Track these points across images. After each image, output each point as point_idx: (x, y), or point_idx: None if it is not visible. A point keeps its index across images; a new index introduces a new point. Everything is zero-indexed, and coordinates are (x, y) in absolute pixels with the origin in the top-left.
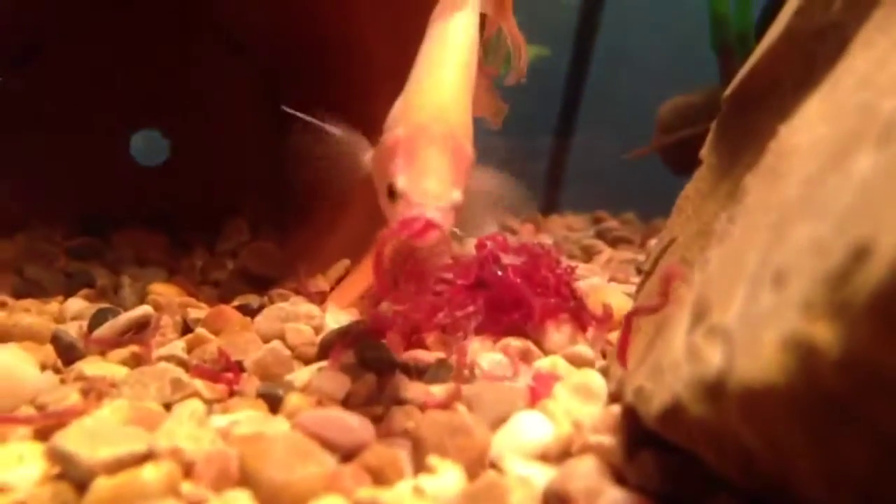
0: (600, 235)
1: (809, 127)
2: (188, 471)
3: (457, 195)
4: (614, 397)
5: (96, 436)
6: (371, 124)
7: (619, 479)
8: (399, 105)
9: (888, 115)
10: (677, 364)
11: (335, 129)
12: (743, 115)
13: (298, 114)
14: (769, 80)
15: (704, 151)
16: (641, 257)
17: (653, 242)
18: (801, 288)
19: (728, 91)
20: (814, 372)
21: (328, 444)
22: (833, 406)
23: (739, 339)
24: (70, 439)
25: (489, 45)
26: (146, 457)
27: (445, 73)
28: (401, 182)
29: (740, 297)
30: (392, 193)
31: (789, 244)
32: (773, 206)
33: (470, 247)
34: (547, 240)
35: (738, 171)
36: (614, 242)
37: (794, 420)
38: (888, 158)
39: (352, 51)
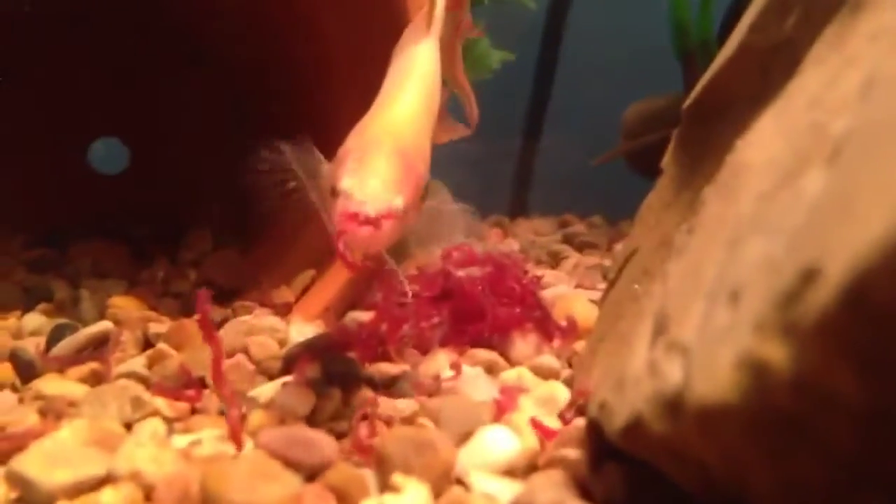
0: (567, 240)
1: (763, 143)
2: (148, 494)
3: (398, 202)
4: (580, 410)
5: (55, 459)
6: (334, 140)
7: (585, 492)
8: (356, 126)
9: (837, 135)
10: (639, 379)
11: (293, 151)
12: (701, 127)
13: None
14: (726, 94)
15: (665, 161)
16: (608, 262)
17: (619, 247)
18: (753, 306)
19: (687, 103)
20: (767, 391)
21: (291, 464)
22: (787, 424)
23: (697, 356)
24: (28, 463)
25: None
26: (105, 480)
27: (404, 99)
28: (343, 183)
29: (698, 312)
30: (335, 195)
31: (743, 261)
32: (729, 221)
33: (436, 257)
34: (514, 245)
35: (698, 182)
36: (581, 247)
37: (749, 437)
38: (836, 180)
39: (317, 68)
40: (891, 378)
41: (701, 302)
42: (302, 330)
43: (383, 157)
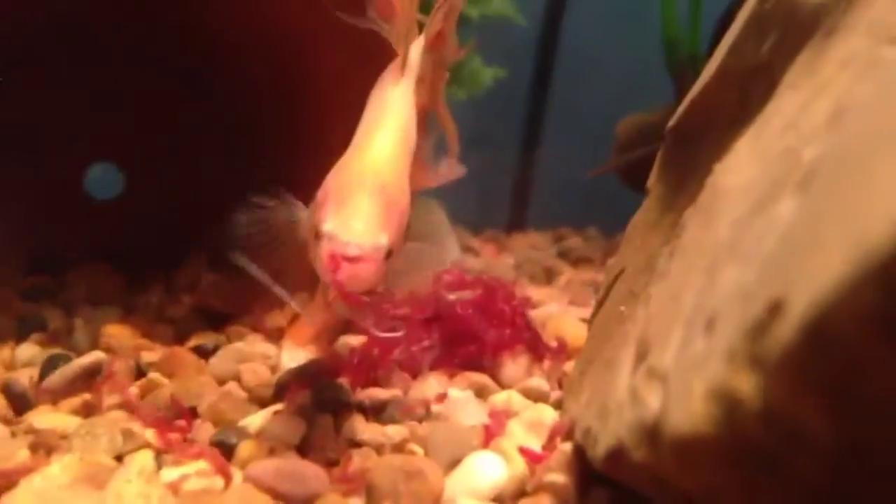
0: (562, 255)
1: (740, 168)
2: None
3: (384, 240)
4: (568, 435)
5: (44, 496)
6: (324, 165)
7: None
8: (334, 169)
9: (808, 162)
10: (621, 406)
11: (271, 202)
12: (684, 147)
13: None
14: (706, 116)
15: (651, 181)
16: (602, 277)
17: (611, 262)
18: (726, 336)
19: (671, 122)
20: (738, 423)
21: (281, 497)
22: (759, 456)
23: (673, 385)
24: (18, 501)
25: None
26: None
27: (381, 139)
28: (326, 225)
29: (677, 339)
30: (318, 238)
31: (719, 288)
32: (707, 246)
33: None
34: (509, 260)
35: (681, 203)
36: (576, 262)
37: (724, 468)
38: (805, 209)
39: (311, 93)
40: (855, 413)
41: (680, 328)
42: (294, 355)
43: (365, 195)
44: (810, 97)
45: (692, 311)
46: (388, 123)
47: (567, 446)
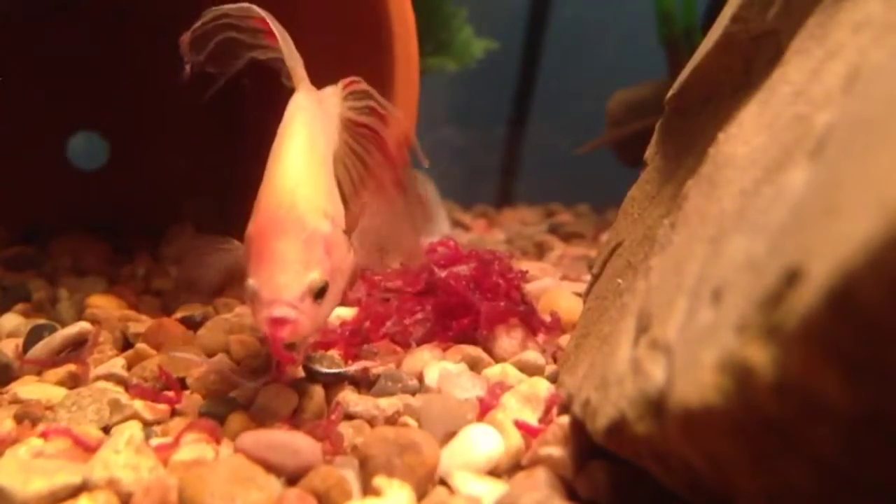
0: (553, 230)
1: (746, 136)
2: (126, 502)
3: (312, 277)
4: (564, 408)
5: (29, 467)
6: None
7: (570, 491)
8: (255, 205)
9: (820, 129)
10: (622, 378)
11: (208, 242)
12: (685, 117)
13: None
14: (708, 85)
15: (649, 154)
16: (594, 252)
17: (604, 237)
18: (736, 307)
19: (670, 93)
20: (750, 394)
21: (272, 468)
22: (771, 428)
23: (679, 357)
24: (2, 471)
25: None
26: (82, 488)
27: (290, 160)
28: (251, 282)
29: (681, 310)
30: (248, 292)
31: (726, 259)
32: (711, 216)
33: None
34: (500, 235)
35: (682, 174)
36: (567, 237)
37: (733, 441)
38: (820, 175)
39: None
40: (877, 383)
41: (683, 299)
42: None
43: (282, 238)
44: (821, 63)
45: (696, 282)
46: (295, 143)
47: (564, 420)
